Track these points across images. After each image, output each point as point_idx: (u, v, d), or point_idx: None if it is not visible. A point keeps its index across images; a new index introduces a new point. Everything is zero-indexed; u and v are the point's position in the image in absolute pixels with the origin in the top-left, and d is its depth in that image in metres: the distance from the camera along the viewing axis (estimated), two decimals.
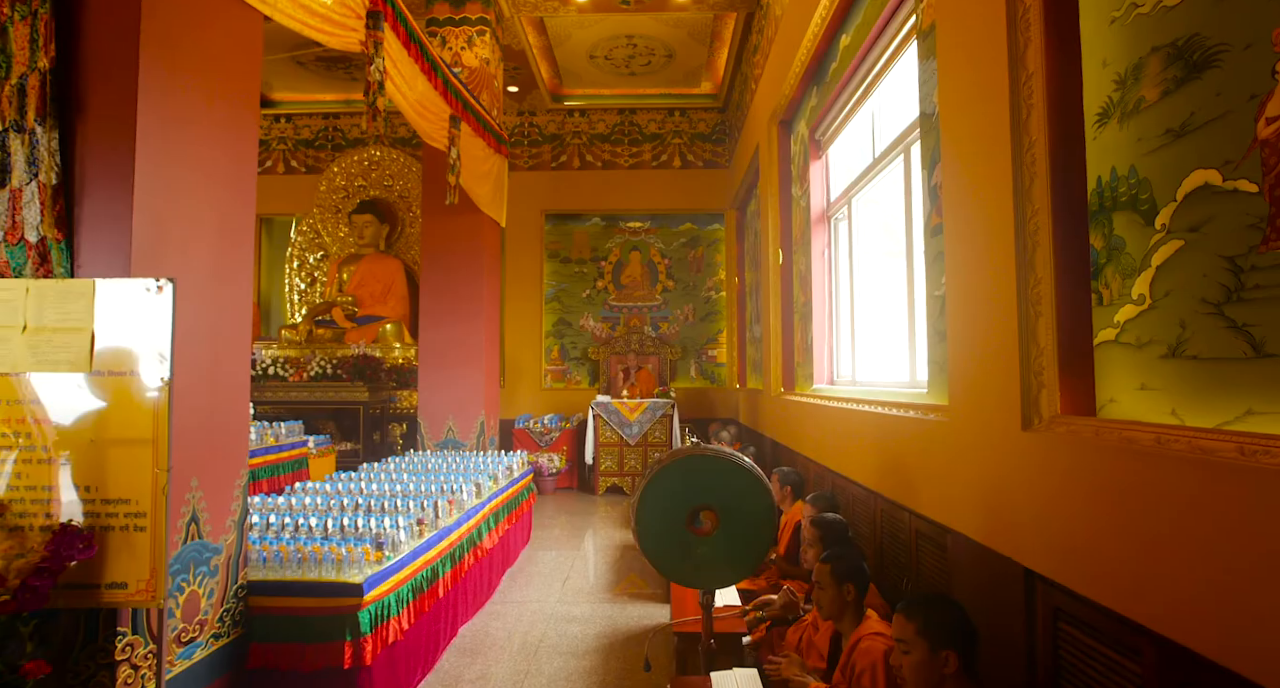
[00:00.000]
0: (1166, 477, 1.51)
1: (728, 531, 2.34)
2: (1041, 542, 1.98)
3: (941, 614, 1.71)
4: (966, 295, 2.48)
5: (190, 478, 2.45)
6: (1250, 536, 1.29)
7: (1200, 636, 1.39)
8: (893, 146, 3.90)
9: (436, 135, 5.16)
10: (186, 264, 2.42)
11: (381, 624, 2.87)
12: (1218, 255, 1.62)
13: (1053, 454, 1.95)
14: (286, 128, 9.77)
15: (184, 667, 2.42)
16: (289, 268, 9.64)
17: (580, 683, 3.34)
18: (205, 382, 2.56)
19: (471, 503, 4.24)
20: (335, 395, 7.50)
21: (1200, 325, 1.67)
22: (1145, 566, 1.55)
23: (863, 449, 3.64)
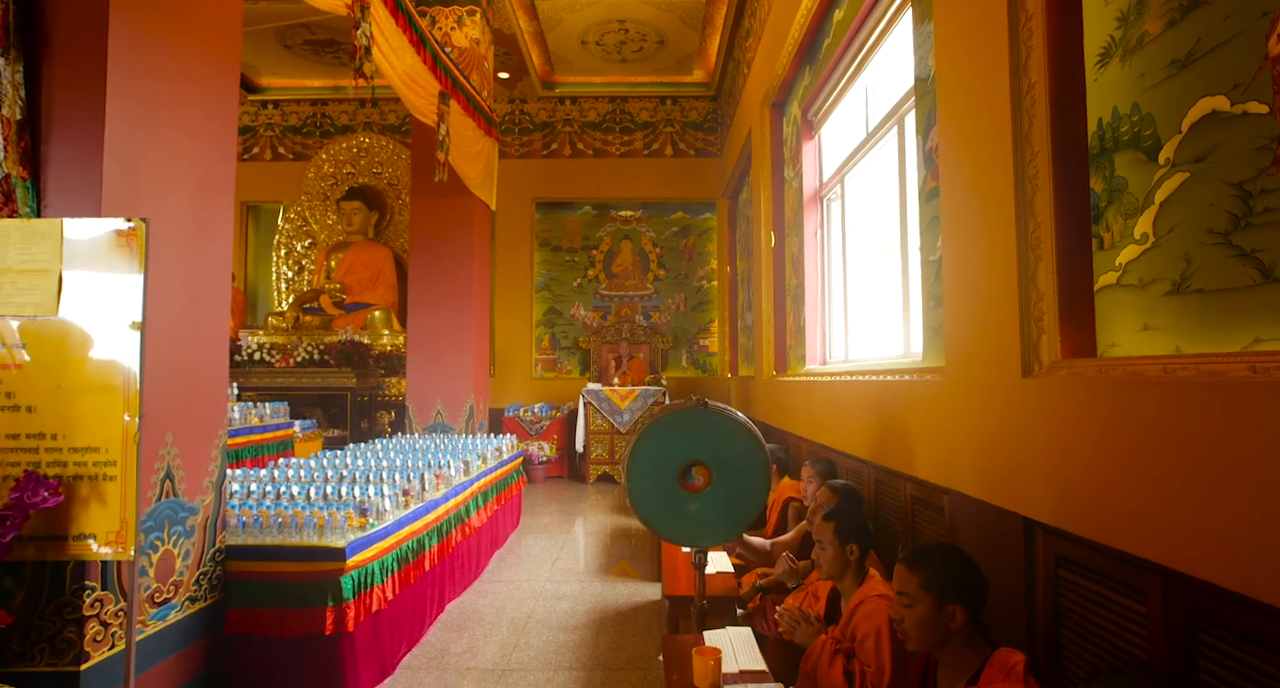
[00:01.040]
0: (1174, 405, 1.47)
1: (721, 486, 2.28)
2: (1042, 490, 1.93)
3: (948, 566, 1.62)
4: (963, 246, 2.43)
5: (165, 433, 2.37)
6: (1264, 451, 1.24)
7: (1210, 563, 1.34)
8: (887, 118, 3.87)
9: (426, 110, 5.08)
10: (162, 212, 2.34)
11: (365, 592, 2.79)
12: (1224, 183, 1.58)
13: (1054, 399, 1.90)
14: (274, 114, 9.64)
15: (157, 628, 2.33)
16: (276, 256, 9.51)
17: (569, 656, 3.27)
18: (182, 337, 2.48)
19: (459, 479, 4.16)
20: (322, 381, 7.39)
21: (1206, 258, 1.62)
22: (1154, 500, 1.50)
23: (856, 421, 3.59)
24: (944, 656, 1.59)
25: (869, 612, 1.97)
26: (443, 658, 3.25)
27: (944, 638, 1.57)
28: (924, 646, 1.59)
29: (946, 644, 1.57)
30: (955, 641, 1.57)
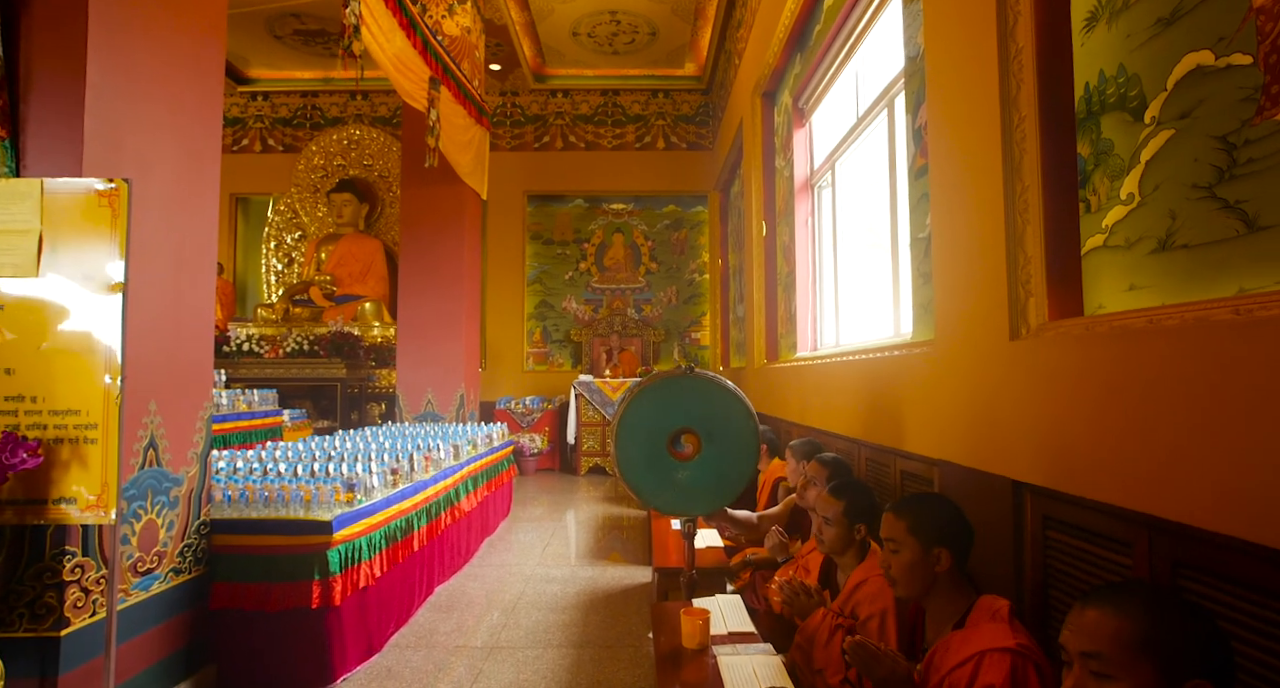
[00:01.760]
0: (1160, 353, 1.47)
1: (710, 454, 2.27)
2: (1031, 451, 1.93)
3: (933, 512, 1.63)
4: (951, 213, 2.44)
5: (148, 401, 2.34)
6: (1249, 391, 1.24)
7: (1198, 508, 1.34)
8: (878, 100, 3.87)
9: (416, 95, 5.06)
10: (145, 175, 2.31)
11: (352, 567, 2.77)
12: (1209, 137, 1.59)
13: (1042, 359, 1.90)
14: (263, 106, 9.58)
15: (140, 598, 2.30)
16: (266, 248, 9.45)
17: (558, 635, 3.25)
18: (165, 304, 2.45)
19: (449, 463, 4.14)
20: (312, 372, 7.33)
21: (1191, 213, 1.63)
22: (1142, 450, 1.51)
23: (846, 401, 3.59)
24: (931, 604, 1.59)
25: (874, 593, 1.94)
26: (431, 637, 3.23)
27: (930, 583, 1.57)
28: (911, 591, 1.59)
29: (933, 590, 1.57)
30: (942, 586, 1.57)
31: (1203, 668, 0.92)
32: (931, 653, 1.51)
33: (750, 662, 1.70)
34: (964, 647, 1.41)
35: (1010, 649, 1.34)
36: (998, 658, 1.33)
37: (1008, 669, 1.31)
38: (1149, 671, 0.93)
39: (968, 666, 1.37)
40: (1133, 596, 1.00)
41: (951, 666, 1.41)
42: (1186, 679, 0.92)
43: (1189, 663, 0.92)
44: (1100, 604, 1.01)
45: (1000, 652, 1.34)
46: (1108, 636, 0.97)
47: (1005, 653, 1.34)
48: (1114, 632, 0.97)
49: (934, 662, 1.49)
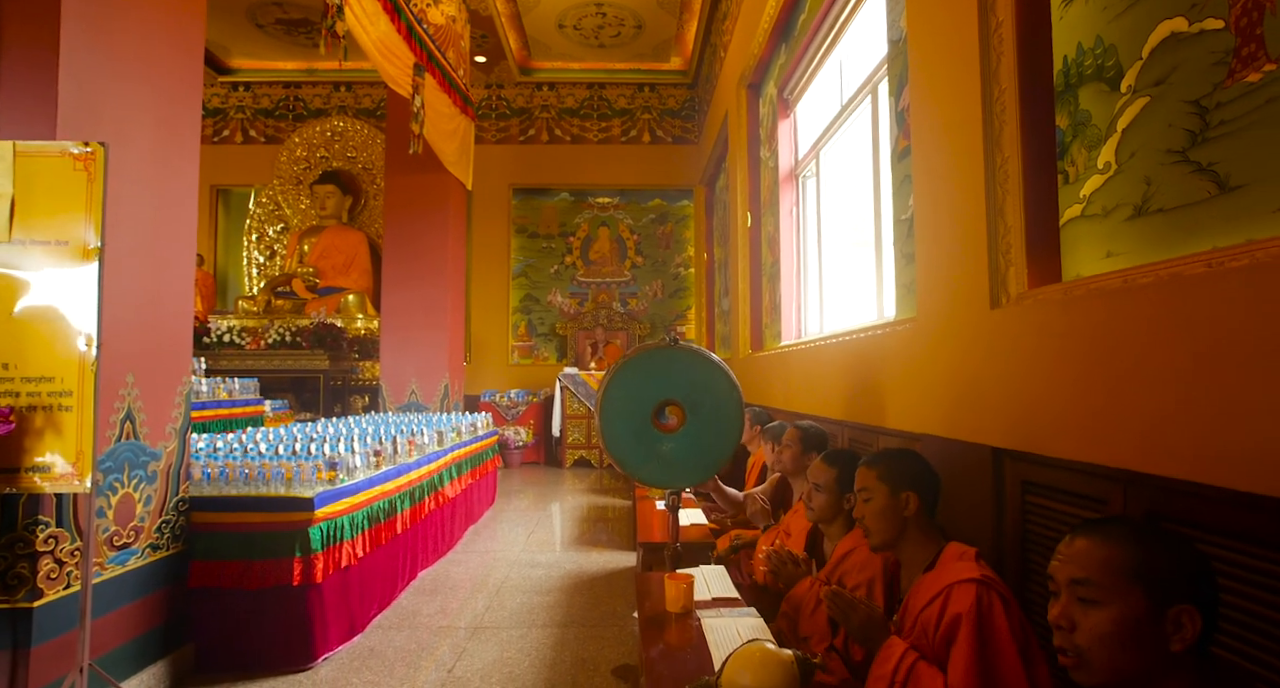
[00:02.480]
0: (1136, 310, 1.50)
1: (694, 425, 2.27)
2: (1011, 417, 1.96)
3: (900, 461, 1.71)
4: (933, 184, 2.46)
5: (125, 373, 2.30)
6: (1221, 341, 1.27)
7: (1174, 459, 1.37)
8: (862, 87, 3.91)
9: (400, 81, 5.03)
10: (122, 140, 2.27)
11: (334, 545, 2.74)
12: (1182, 102, 1.62)
13: (1021, 325, 1.93)
14: (245, 96, 9.47)
15: (116, 573, 2.26)
16: (247, 240, 9.33)
17: (543, 616, 3.24)
18: (143, 274, 2.41)
19: (433, 449, 4.11)
20: (294, 363, 7.25)
21: (1165, 177, 1.66)
22: (1119, 407, 1.53)
23: (831, 384, 3.61)
24: (904, 552, 1.64)
25: (861, 562, 1.94)
26: (414, 618, 3.21)
27: (901, 528, 1.63)
28: (884, 538, 1.64)
29: (904, 537, 1.63)
30: (912, 532, 1.62)
31: (1189, 595, 0.93)
32: (906, 598, 1.54)
33: (734, 623, 1.71)
34: (933, 586, 1.46)
35: (975, 580, 1.39)
36: (964, 588, 1.38)
37: (973, 598, 1.35)
38: (1137, 596, 0.94)
39: (937, 601, 1.42)
40: (1122, 526, 1.02)
41: (922, 604, 1.45)
42: (1172, 605, 0.93)
43: (1176, 590, 0.94)
44: (1090, 534, 1.03)
45: (965, 583, 1.39)
46: (1098, 563, 0.98)
47: (970, 583, 1.38)
48: (1104, 559, 0.98)
49: (908, 605, 1.52)
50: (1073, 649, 0.98)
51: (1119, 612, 0.95)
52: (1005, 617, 1.36)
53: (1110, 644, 0.94)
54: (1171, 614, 0.93)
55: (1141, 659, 0.93)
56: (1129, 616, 0.94)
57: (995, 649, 1.33)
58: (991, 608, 1.36)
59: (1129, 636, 0.94)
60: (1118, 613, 0.95)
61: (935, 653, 1.41)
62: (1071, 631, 0.98)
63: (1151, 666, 0.93)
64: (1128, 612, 0.94)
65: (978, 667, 1.30)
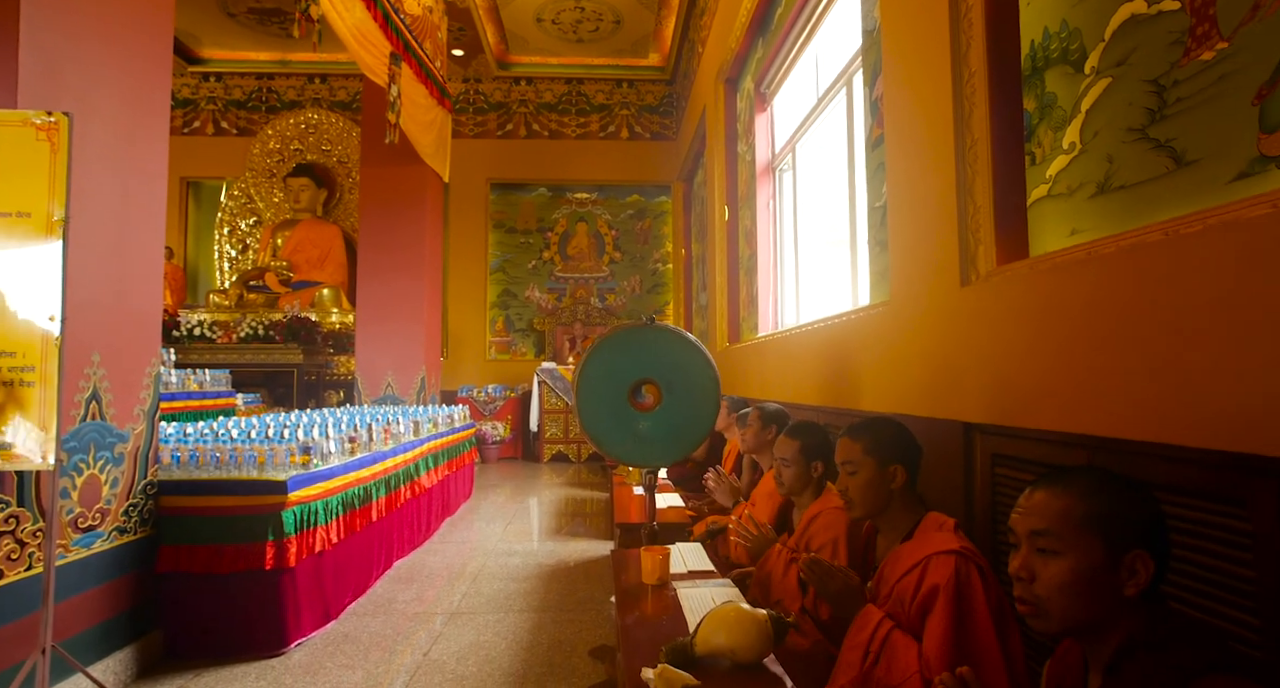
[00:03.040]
0: (1098, 280, 1.54)
1: (670, 404, 2.29)
2: (981, 392, 2.00)
3: (886, 432, 1.68)
4: (908, 166, 2.50)
5: (91, 352, 2.26)
6: (1177, 307, 1.31)
7: (1135, 422, 1.41)
8: (837, 79, 3.96)
9: (377, 69, 4.98)
10: (87, 110, 2.22)
11: (307, 530, 2.71)
12: (1142, 81, 1.67)
13: (990, 301, 1.97)
14: (216, 87, 9.30)
15: (81, 555, 2.21)
16: (219, 234, 9.17)
17: (519, 601, 3.23)
18: (110, 256, 2.36)
19: (409, 438, 4.08)
20: (268, 357, 7.13)
21: (1127, 155, 1.71)
22: (1084, 375, 1.57)
23: (806, 370, 3.66)
24: (884, 521, 1.64)
25: (827, 522, 1.99)
26: (390, 605, 3.18)
27: (886, 501, 1.62)
28: (868, 510, 1.63)
29: (887, 508, 1.62)
30: (895, 503, 1.62)
31: (1142, 540, 0.96)
32: (882, 567, 1.56)
33: (710, 592, 1.73)
34: (911, 556, 1.47)
35: (954, 551, 1.39)
36: (942, 560, 1.38)
37: (952, 570, 1.36)
38: (1095, 544, 0.96)
39: (915, 571, 1.42)
40: (1078, 476, 1.03)
41: (900, 574, 1.46)
42: (1127, 551, 0.95)
43: (1130, 536, 0.96)
44: (1048, 486, 1.04)
45: (944, 554, 1.39)
46: (1056, 513, 0.99)
47: (949, 555, 1.38)
48: (1062, 510, 0.99)
49: (884, 574, 1.53)
50: (1032, 599, 0.99)
51: (1077, 561, 0.96)
52: (983, 589, 1.36)
53: (1068, 593, 0.96)
54: (1126, 560, 0.95)
55: (1098, 605, 0.96)
56: (1086, 564, 0.96)
57: (971, 621, 1.33)
58: (969, 580, 1.36)
59: (1086, 584, 0.96)
60: (1076, 562, 0.96)
61: (910, 622, 1.42)
62: (1031, 582, 1.00)
63: (1107, 611, 0.96)
64: (1085, 561, 0.96)
65: (953, 638, 1.31)
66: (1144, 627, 0.94)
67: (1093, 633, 0.98)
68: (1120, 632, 0.96)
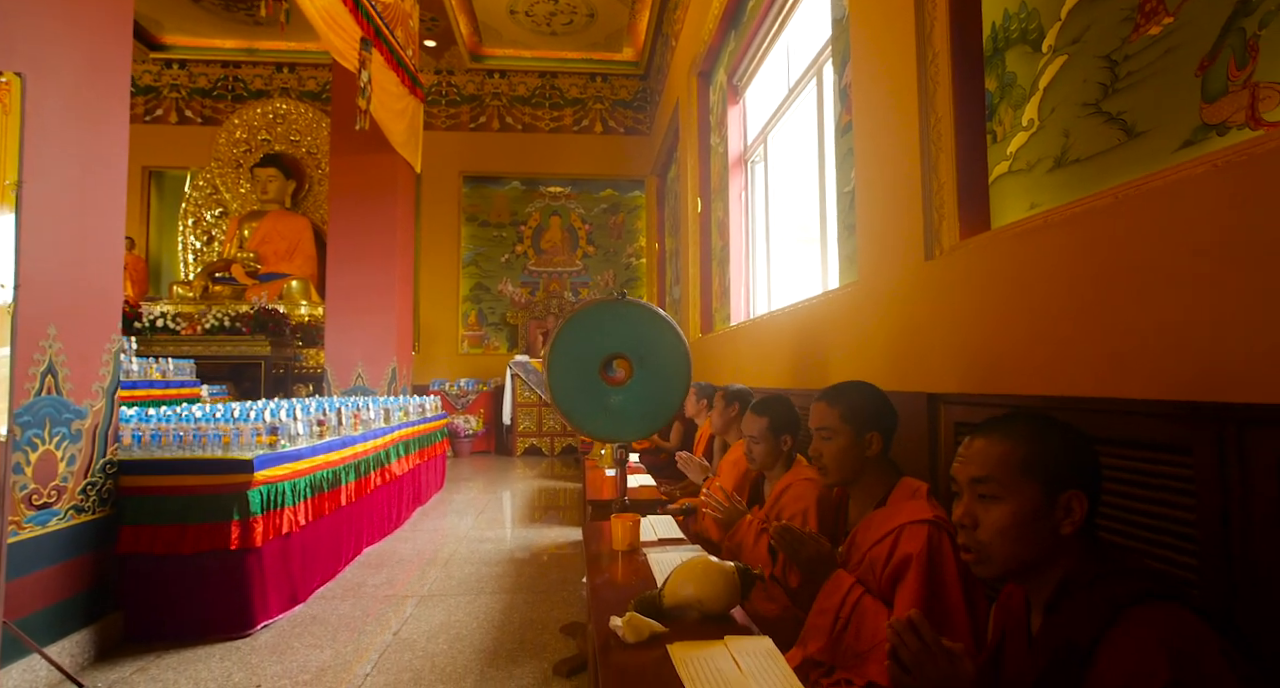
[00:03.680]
0: (1055, 245, 1.59)
1: (642, 378, 2.30)
2: (944, 362, 2.05)
3: (863, 398, 1.67)
4: (877, 146, 2.55)
5: (46, 325, 2.20)
6: (1126, 271, 1.36)
7: (1088, 380, 1.46)
8: (808, 69, 4.01)
9: (347, 54, 4.91)
10: (43, 80, 2.15)
11: (274, 510, 2.67)
12: (1096, 57, 1.73)
13: (953, 273, 2.03)
14: (180, 75, 9.09)
15: (35, 533, 2.15)
16: (183, 225, 8.95)
17: (491, 584, 3.22)
18: (68, 227, 2.30)
19: (379, 425, 4.04)
20: (234, 349, 6.98)
21: (1081, 129, 1.78)
22: (1040, 337, 1.62)
23: (777, 354, 3.70)
24: (857, 487, 1.65)
25: (798, 493, 2.01)
26: (359, 589, 3.14)
27: (861, 468, 1.62)
28: (843, 477, 1.63)
29: (862, 475, 1.62)
30: (869, 470, 1.62)
31: (1076, 481, 0.98)
32: (854, 533, 1.57)
33: (678, 557, 1.74)
34: (885, 524, 1.47)
35: (927, 520, 1.40)
36: (915, 529, 1.39)
37: (924, 539, 1.37)
38: (1032, 488, 0.98)
39: (887, 539, 1.43)
40: (1014, 423, 1.05)
41: (872, 541, 1.47)
42: (1063, 492, 0.98)
43: (1066, 477, 0.98)
44: (987, 433, 1.05)
45: (917, 524, 1.40)
46: (994, 459, 1.01)
47: (922, 524, 1.40)
48: (1000, 456, 1.01)
49: (856, 540, 1.55)
50: (975, 546, 1.01)
51: (1017, 505, 0.99)
52: (954, 559, 1.38)
53: (1009, 537, 0.99)
54: (1062, 501, 0.98)
55: (1038, 547, 0.98)
56: (1026, 508, 0.98)
57: (942, 591, 1.35)
58: (941, 550, 1.37)
59: (1026, 526, 0.98)
60: (1016, 506, 0.99)
61: (881, 589, 1.43)
62: (974, 528, 1.02)
63: (1046, 551, 0.98)
64: (1024, 504, 0.98)
65: (923, 606, 1.32)
66: (1080, 564, 0.97)
67: (1033, 574, 1.00)
68: (1059, 570, 0.98)
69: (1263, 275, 1.08)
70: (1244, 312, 1.11)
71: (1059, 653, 0.93)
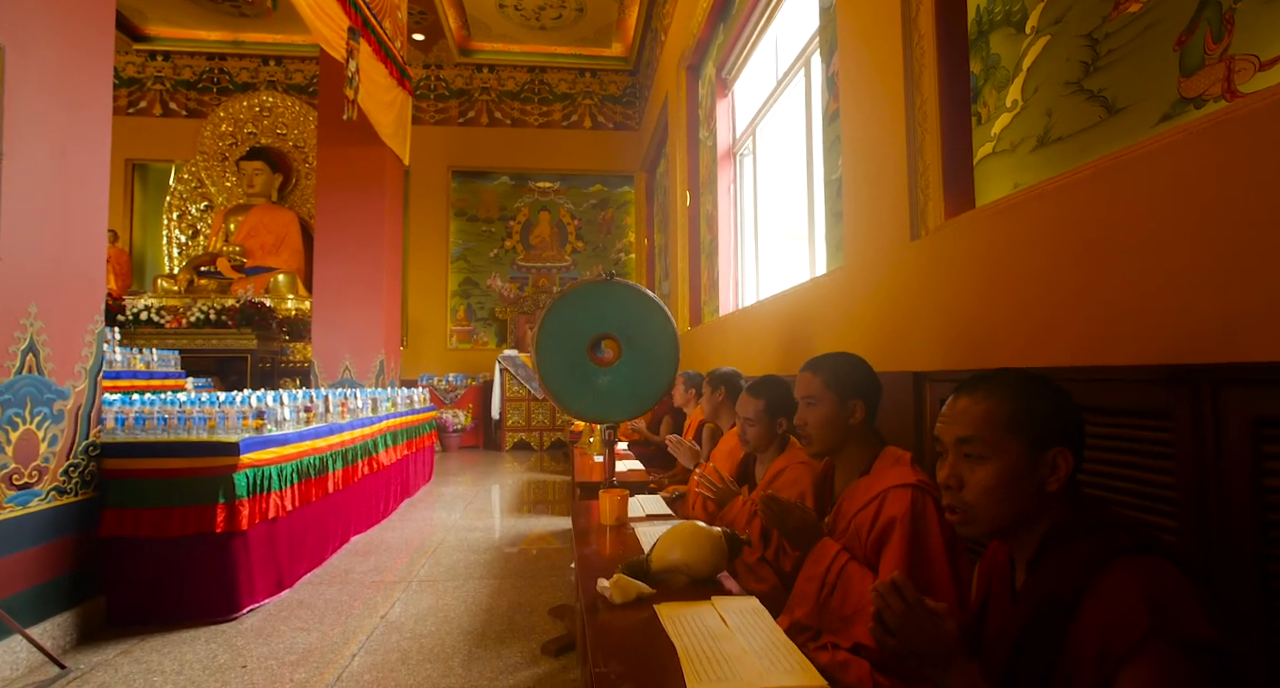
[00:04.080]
0: (1037, 217, 1.61)
1: (630, 359, 2.31)
2: (929, 341, 2.07)
3: (847, 366, 1.68)
4: (864, 132, 2.57)
5: (27, 303, 2.17)
6: (1103, 241, 1.39)
7: (1067, 350, 1.48)
8: (796, 60, 4.03)
9: (335, 43, 4.88)
10: (22, 51, 2.12)
11: (260, 494, 2.65)
12: (1078, 36, 1.76)
13: (938, 251, 2.05)
14: (164, 66, 8.99)
15: (16, 514, 2.13)
16: (167, 219, 8.85)
17: (480, 570, 3.21)
18: (50, 201, 2.27)
19: (366, 414, 4.02)
20: (220, 343, 6.91)
21: (1064, 108, 1.80)
22: (1023, 308, 1.64)
23: (765, 342, 3.72)
24: (841, 456, 1.66)
25: (793, 477, 2.00)
26: (347, 575, 3.13)
27: (845, 436, 1.63)
28: (827, 445, 1.64)
29: (846, 443, 1.63)
30: (853, 438, 1.63)
31: (1061, 437, 0.98)
32: (840, 501, 1.58)
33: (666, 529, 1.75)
34: (869, 490, 1.48)
35: (911, 485, 1.41)
36: (899, 493, 1.40)
37: (908, 503, 1.38)
38: (1018, 446, 0.97)
39: (872, 505, 1.44)
40: (997, 381, 1.04)
41: (857, 507, 1.48)
42: (1049, 448, 0.97)
43: (1051, 434, 0.98)
44: (970, 392, 1.05)
45: (901, 487, 1.41)
46: (979, 418, 1.01)
47: (906, 488, 1.41)
48: (985, 414, 1.00)
49: (841, 508, 1.56)
50: (961, 506, 1.01)
51: (1003, 463, 0.98)
52: (938, 522, 1.39)
53: (996, 496, 0.98)
54: (1048, 457, 0.98)
55: (1024, 504, 0.98)
56: (1012, 466, 0.98)
57: (925, 552, 1.36)
58: (925, 513, 1.39)
59: (1013, 485, 0.98)
60: (1002, 465, 0.98)
61: (867, 554, 1.44)
62: (960, 489, 1.02)
63: (1032, 509, 0.99)
64: (1010, 462, 0.98)
65: (908, 569, 1.33)
66: (1064, 519, 0.97)
67: (1019, 531, 1.01)
68: (1043, 527, 0.99)
69: (1238, 237, 1.11)
70: (1220, 273, 1.14)
71: (1042, 606, 0.94)
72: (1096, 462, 1.40)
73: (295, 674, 2.12)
